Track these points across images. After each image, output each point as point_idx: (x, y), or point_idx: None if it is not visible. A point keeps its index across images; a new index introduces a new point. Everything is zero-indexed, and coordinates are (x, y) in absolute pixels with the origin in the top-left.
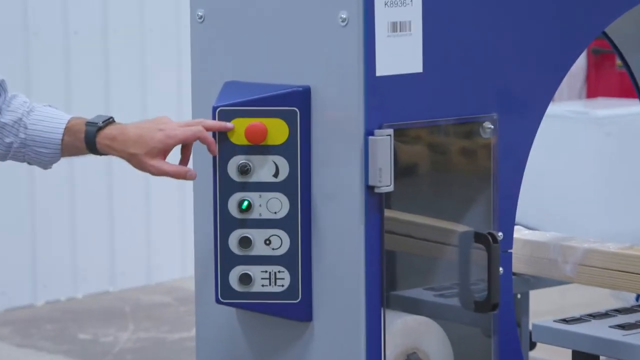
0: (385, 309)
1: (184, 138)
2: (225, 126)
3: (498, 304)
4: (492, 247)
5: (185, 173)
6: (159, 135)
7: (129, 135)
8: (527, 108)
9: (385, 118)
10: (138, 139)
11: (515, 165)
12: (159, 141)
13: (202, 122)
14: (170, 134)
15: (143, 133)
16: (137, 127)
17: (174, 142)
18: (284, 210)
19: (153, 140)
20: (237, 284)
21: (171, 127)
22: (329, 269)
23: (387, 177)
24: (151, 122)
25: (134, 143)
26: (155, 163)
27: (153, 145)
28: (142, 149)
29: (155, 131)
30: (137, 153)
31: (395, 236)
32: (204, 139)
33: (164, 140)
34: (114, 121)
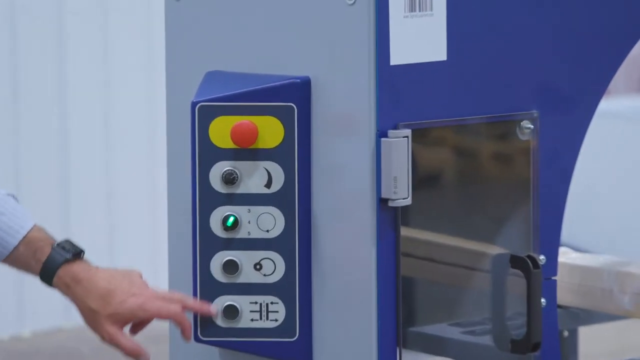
0: (402, 349)
1: (157, 315)
2: (208, 310)
3: (540, 344)
4: (533, 274)
5: (139, 354)
6: (130, 303)
7: (96, 286)
8: (574, 104)
9: (402, 116)
10: (105, 295)
11: (560, 173)
12: (127, 309)
13: (182, 300)
14: (144, 306)
15: (114, 291)
16: (108, 280)
17: (144, 316)
18: (278, 228)
19: (122, 305)
20: (221, 319)
21: (147, 297)
22: (332, 300)
23: (403, 188)
24: (125, 279)
25: (99, 298)
26: (112, 331)
27: (119, 311)
28: (105, 309)
29: (127, 295)
30: (98, 311)
31: (413, 260)
32: (180, 322)
33: (133, 311)
34: (83, 256)
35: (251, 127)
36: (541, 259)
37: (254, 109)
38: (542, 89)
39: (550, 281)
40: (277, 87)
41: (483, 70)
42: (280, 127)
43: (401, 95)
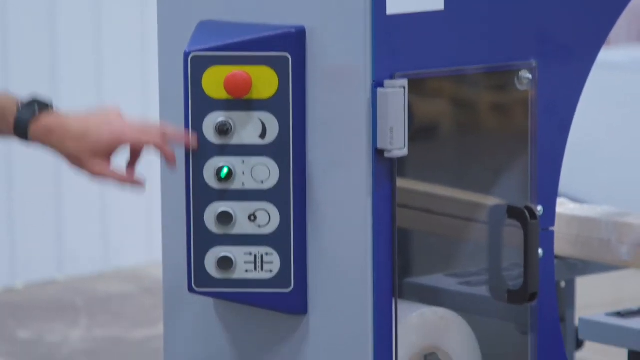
0: (398, 300)
1: (137, 142)
2: (187, 140)
3: (537, 294)
4: (530, 225)
5: (132, 181)
6: (105, 134)
7: (69, 130)
8: (573, 54)
9: (398, 66)
10: (80, 137)
11: (559, 124)
12: (105, 142)
13: (162, 128)
14: (120, 136)
15: (87, 130)
16: (81, 121)
17: (123, 144)
18: (272, 179)
19: (99, 140)
20: (215, 270)
21: (123, 126)
22: (327, 251)
23: (400, 139)
24: (98, 115)
25: (75, 140)
26: (97, 166)
27: (97, 146)
28: (84, 149)
29: (102, 128)
30: (78, 153)
31: (409, 211)
32: (161, 149)
33: (111, 143)
34: (51, 107)
35: (245, 78)
36: (539, 209)
37: (248, 59)
38: (541, 38)
39: (548, 232)
40: (272, 36)
41: (481, 19)
42: (274, 77)
43: (397, 45)
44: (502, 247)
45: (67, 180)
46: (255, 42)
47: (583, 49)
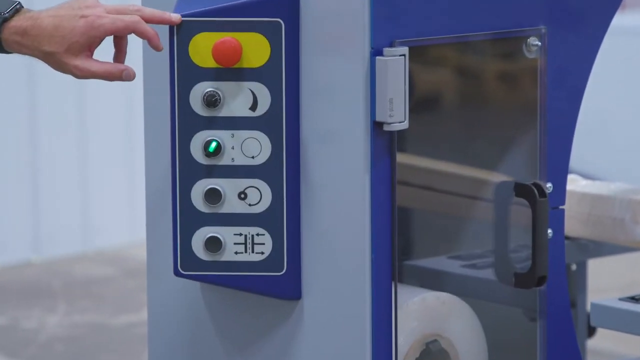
0: (398, 284)
1: (114, 29)
2: (169, 18)
3: (546, 277)
4: (539, 203)
5: (121, 73)
6: (80, 26)
7: (43, 28)
8: (585, 19)
9: (398, 32)
10: (54, 32)
11: (570, 94)
12: (81, 33)
13: (139, 10)
14: (95, 23)
15: (61, 23)
16: (54, 16)
17: (101, 35)
18: (264, 154)
19: (73, 32)
20: (203, 251)
21: (97, 13)
22: (323, 231)
23: (400, 111)
24: (71, 6)
25: (49, 37)
26: (79, 62)
27: (74, 40)
28: (61, 45)
29: (75, 20)
30: (55, 51)
31: (410, 188)
32: (142, 32)
33: (88, 32)
34: (21, 7)
35: (234, 45)
36: (548, 186)
37: (237, 24)
38: (550, 2)
39: (558, 210)
40: (263, 1)
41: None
42: (266, 44)
43: (397, 10)
44: (508, 227)
45: (44, 152)
46: (245, 6)
47: (596, 14)
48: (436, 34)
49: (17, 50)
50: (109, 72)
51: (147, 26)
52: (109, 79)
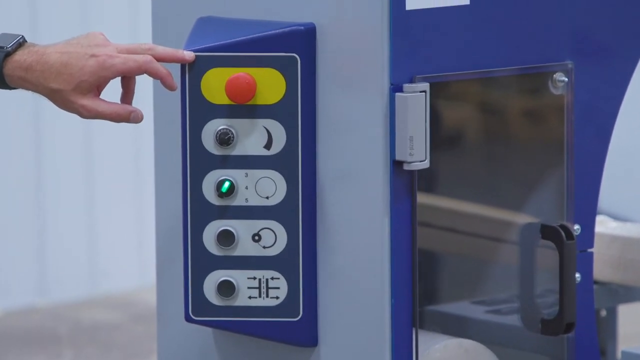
0: (419, 331)
1: (126, 70)
2: (182, 56)
3: (574, 324)
4: (566, 245)
5: (129, 114)
6: (90, 65)
7: (50, 64)
8: (614, 54)
9: (419, 68)
10: (62, 69)
11: (598, 131)
12: (90, 73)
13: (151, 49)
14: (106, 63)
15: (69, 61)
16: (62, 53)
17: (111, 75)
18: (279, 195)
19: (82, 71)
20: (215, 296)
21: (108, 52)
22: (340, 275)
23: (421, 149)
24: (80, 43)
25: (56, 74)
26: (87, 102)
27: (83, 79)
28: (68, 83)
29: (85, 58)
30: (62, 89)
31: (432, 230)
32: (155, 73)
33: (98, 72)
34: (25, 41)
35: (249, 81)
36: (576, 228)
37: (252, 60)
38: (578, 37)
39: (586, 254)
40: (278, 35)
41: (511, 15)
42: (281, 80)
43: (418, 45)
44: (535, 271)
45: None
46: (260, 41)
47: (625, 48)
48: (458, 69)
49: (21, 86)
50: (117, 113)
51: (159, 66)
52: (116, 120)
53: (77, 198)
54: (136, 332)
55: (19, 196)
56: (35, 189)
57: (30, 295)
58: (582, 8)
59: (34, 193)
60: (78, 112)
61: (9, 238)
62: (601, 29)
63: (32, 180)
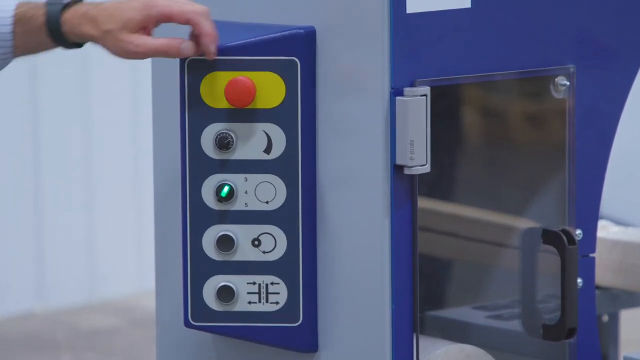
0: (419, 336)
1: (167, 12)
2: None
3: (576, 329)
4: (568, 250)
5: (179, 45)
6: (136, 3)
7: (103, 8)
8: (616, 58)
9: (419, 72)
10: (114, 11)
11: (600, 136)
12: (136, 10)
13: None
14: (151, 2)
15: (120, 5)
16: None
17: (155, 14)
18: (278, 199)
19: (129, 9)
20: (215, 301)
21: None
22: (340, 280)
23: (421, 154)
24: None
25: (109, 16)
26: (135, 39)
27: (129, 16)
28: (117, 23)
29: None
30: (112, 29)
31: (432, 235)
32: (197, 25)
33: (142, 10)
34: None
35: (248, 85)
36: (577, 233)
37: (251, 63)
38: (579, 40)
39: (588, 259)
40: (278, 38)
41: (512, 18)
42: (281, 84)
43: (419, 48)
44: (536, 276)
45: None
46: (259, 44)
47: (627, 52)
48: (459, 73)
49: (75, 37)
50: (169, 45)
51: (207, 22)
52: (169, 53)
53: (76, 203)
54: (135, 337)
55: (18, 201)
56: (34, 194)
57: (28, 300)
58: (584, 11)
59: (32, 198)
60: (128, 51)
61: (7, 243)
62: (603, 32)
63: (31, 186)
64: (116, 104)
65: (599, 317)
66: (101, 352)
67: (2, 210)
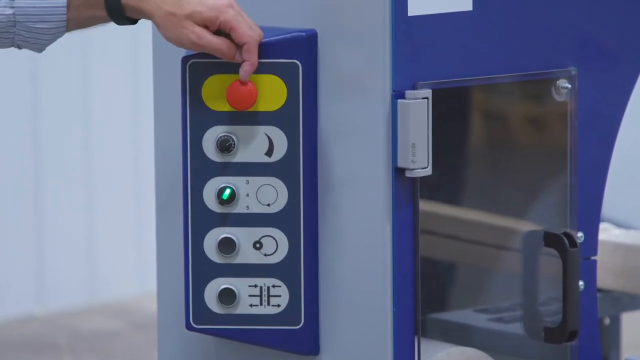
0: (421, 338)
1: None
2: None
3: (577, 332)
4: (569, 253)
5: (234, 54)
6: (208, 3)
7: None
8: (618, 60)
9: (421, 74)
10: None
11: (602, 138)
12: (208, 7)
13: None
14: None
15: None
16: None
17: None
18: (280, 202)
19: (200, 3)
20: (216, 304)
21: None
22: (342, 283)
23: (423, 156)
24: None
25: (176, 1)
26: (199, 30)
27: (198, 9)
28: (184, 9)
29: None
30: (177, 13)
31: (434, 237)
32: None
33: (211, 11)
34: None
35: (249, 87)
36: (579, 236)
37: None
38: (581, 43)
39: (590, 261)
40: (279, 41)
41: (514, 21)
42: (282, 87)
43: (420, 51)
44: (538, 278)
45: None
46: (261, 47)
47: (629, 55)
48: (461, 75)
49: (134, 9)
50: (229, 46)
51: (256, 50)
52: (225, 55)
53: (77, 205)
54: (136, 340)
55: (18, 203)
56: (34, 196)
57: (29, 303)
58: (585, 14)
59: (32, 200)
60: (188, 39)
61: (7, 246)
62: (605, 35)
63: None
64: (117, 105)
65: (600, 319)
66: (102, 354)
67: (3, 213)
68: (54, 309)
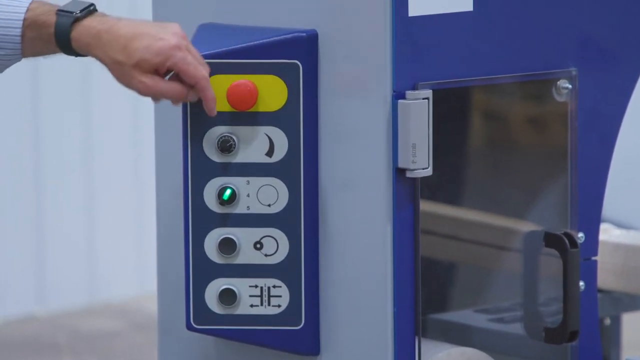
0: (421, 339)
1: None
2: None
3: (578, 333)
4: (570, 253)
5: (186, 95)
6: (157, 46)
7: (118, 35)
8: (618, 61)
9: (421, 75)
10: (128, 43)
11: (602, 139)
12: (154, 53)
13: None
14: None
15: (138, 37)
16: (134, 27)
17: (170, 65)
18: (280, 202)
19: (147, 49)
20: (217, 304)
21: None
22: (342, 283)
23: (423, 157)
24: (154, 26)
25: (122, 48)
26: (146, 80)
27: (145, 57)
28: (131, 58)
29: (154, 39)
30: (124, 62)
31: (434, 238)
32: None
33: (159, 55)
34: (95, 10)
35: (250, 88)
36: (579, 236)
37: (253, 66)
38: (582, 43)
39: (590, 262)
40: (280, 42)
41: (514, 21)
42: (283, 87)
43: (421, 51)
44: (538, 279)
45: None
46: (261, 47)
47: (629, 55)
48: (461, 76)
49: (87, 52)
50: (178, 91)
51: (210, 88)
52: (176, 99)
53: (77, 205)
54: (136, 340)
55: (18, 204)
56: (35, 197)
57: (29, 303)
58: (586, 15)
59: (33, 201)
60: (137, 88)
61: (7, 246)
62: (605, 35)
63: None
64: (117, 105)
65: (601, 320)
66: (102, 355)
67: (3, 213)
68: (54, 309)
